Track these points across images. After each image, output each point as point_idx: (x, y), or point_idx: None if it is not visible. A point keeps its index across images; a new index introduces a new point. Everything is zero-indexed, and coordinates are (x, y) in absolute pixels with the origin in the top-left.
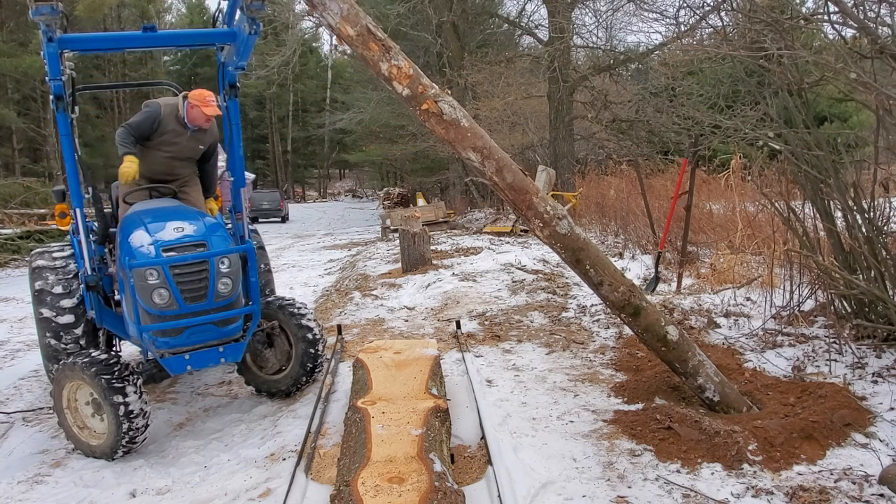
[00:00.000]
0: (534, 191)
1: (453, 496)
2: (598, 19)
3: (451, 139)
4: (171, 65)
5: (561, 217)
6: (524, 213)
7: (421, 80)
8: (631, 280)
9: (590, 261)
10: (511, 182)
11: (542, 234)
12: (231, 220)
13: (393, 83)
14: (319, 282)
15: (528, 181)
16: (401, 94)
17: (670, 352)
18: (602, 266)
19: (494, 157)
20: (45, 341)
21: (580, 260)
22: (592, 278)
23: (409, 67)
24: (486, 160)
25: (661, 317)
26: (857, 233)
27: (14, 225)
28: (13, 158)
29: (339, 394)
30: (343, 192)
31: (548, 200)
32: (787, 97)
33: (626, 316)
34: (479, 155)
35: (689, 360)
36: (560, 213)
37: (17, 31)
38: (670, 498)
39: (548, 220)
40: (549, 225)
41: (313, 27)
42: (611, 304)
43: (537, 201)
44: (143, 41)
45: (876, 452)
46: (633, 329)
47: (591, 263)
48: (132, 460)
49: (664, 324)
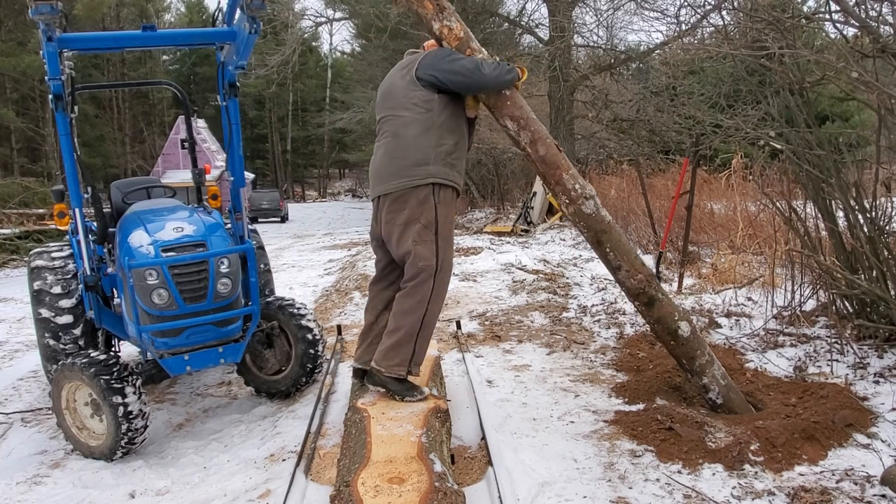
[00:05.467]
0: (565, 167)
1: (453, 497)
2: (599, 18)
3: (491, 105)
4: (171, 64)
5: (588, 197)
6: (553, 188)
7: (470, 43)
8: (651, 270)
9: (611, 244)
10: (543, 155)
11: (567, 211)
12: (230, 219)
13: (442, 43)
14: (319, 282)
15: (561, 157)
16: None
17: (679, 347)
18: (622, 251)
19: (531, 128)
20: (44, 342)
21: (601, 242)
22: (611, 262)
23: (460, 30)
24: (522, 130)
25: (675, 311)
26: (859, 232)
27: (13, 225)
28: (12, 158)
29: (339, 394)
30: (343, 192)
31: (577, 178)
32: (788, 96)
33: (639, 304)
34: (516, 124)
35: (696, 359)
36: (588, 192)
37: (16, 31)
38: (671, 498)
39: (574, 197)
40: (576, 203)
41: (313, 26)
42: (626, 290)
43: (567, 178)
44: (142, 40)
45: (878, 453)
46: (646, 318)
47: (612, 247)
48: (131, 461)
49: (677, 318)
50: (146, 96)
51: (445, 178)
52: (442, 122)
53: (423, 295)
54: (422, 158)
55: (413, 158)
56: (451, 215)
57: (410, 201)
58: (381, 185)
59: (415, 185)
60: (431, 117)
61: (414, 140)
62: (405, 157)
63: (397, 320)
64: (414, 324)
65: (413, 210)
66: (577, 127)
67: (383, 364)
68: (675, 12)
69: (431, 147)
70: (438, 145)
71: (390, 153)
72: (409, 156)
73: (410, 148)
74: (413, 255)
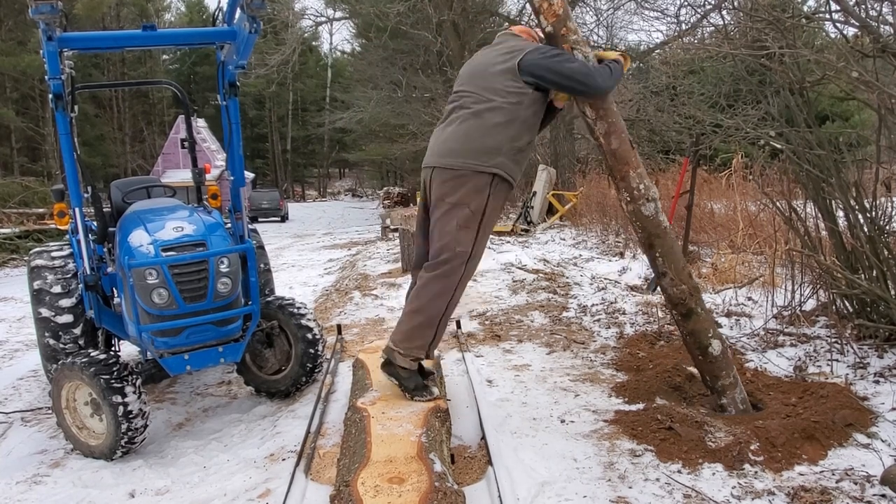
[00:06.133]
0: (634, 164)
1: (453, 496)
2: (599, 18)
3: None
4: (171, 64)
5: (650, 199)
6: (617, 183)
7: (567, 22)
8: (697, 283)
9: (662, 249)
10: (615, 148)
11: (626, 209)
12: (230, 219)
13: (539, 17)
14: (319, 281)
15: (633, 154)
16: (543, 29)
17: (706, 363)
18: (672, 259)
19: (608, 119)
20: (44, 341)
21: (653, 245)
22: (658, 266)
23: (560, 7)
24: (599, 120)
25: (711, 327)
26: (859, 232)
27: (13, 224)
28: (12, 157)
29: (339, 394)
30: (343, 192)
31: (644, 178)
32: (788, 96)
33: (677, 314)
34: (595, 113)
35: (721, 378)
36: (651, 195)
37: (16, 30)
38: (671, 498)
39: (637, 196)
40: (636, 202)
41: (313, 26)
42: (667, 297)
43: (633, 175)
44: (142, 40)
45: (878, 453)
46: (679, 328)
47: (663, 253)
48: (131, 460)
49: (711, 335)
50: (146, 96)
51: (509, 172)
52: (526, 117)
53: (453, 280)
54: (494, 147)
55: (487, 144)
56: (499, 209)
57: (468, 184)
58: (444, 158)
59: (478, 171)
60: (518, 110)
61: (494, 127)
62: (480, 139)
63: (422, 302)
64: (440, 308)
65: (467, 193)
66: (577, 126)
67: (403, 346)
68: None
69: (508, 139)
70: (515, 139)
71: (465, 131)
72: (484, 140)
73: (488, 133)
74: (452, 238)
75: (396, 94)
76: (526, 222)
